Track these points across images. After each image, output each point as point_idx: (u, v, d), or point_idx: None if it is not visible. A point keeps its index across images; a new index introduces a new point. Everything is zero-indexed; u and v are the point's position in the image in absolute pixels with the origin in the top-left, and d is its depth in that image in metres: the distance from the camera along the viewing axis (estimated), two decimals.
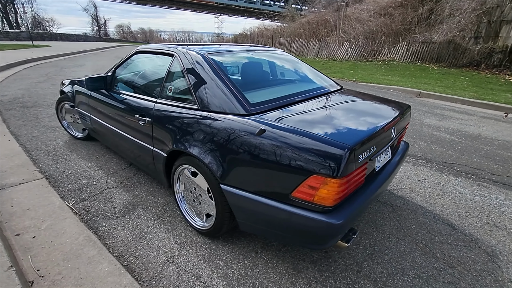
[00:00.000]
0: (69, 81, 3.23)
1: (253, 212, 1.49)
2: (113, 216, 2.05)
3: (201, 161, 1.65)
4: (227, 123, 1.54)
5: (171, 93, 1.94)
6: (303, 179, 1.29)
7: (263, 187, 1.42)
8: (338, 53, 13.12)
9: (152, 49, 2.24)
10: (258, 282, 1.56)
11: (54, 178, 2.52)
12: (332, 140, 1.29)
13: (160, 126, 1.89)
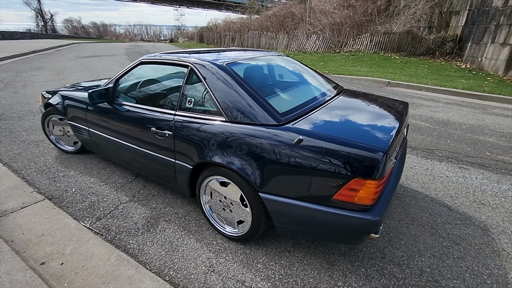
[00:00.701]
0: (52, 91, 3.03)
1: (294, 216, 1.60)
2: (138, 232, 2.03)
3: (234, 172, 1.70)
4: (261, 135, 1.60)
5: (192, 105, 1.94)
6: (345, 183, 1.42)
7: (303, 192, 1.53)
8: (307, 46, 13.46)
9: (161, 60, 2.20)
10: (299, 280, 1.68)
11: (59, 198, 2.39)
12: (368, 145, 1.42)
13: (183, 139, 1.90)
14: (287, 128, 1.59)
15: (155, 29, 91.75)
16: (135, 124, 2.18)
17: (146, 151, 2.18)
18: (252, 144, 1.62)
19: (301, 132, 1.54)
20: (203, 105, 1.90)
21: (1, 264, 1.68)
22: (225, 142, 1.71)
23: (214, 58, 2.05)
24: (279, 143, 1.55)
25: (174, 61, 2.11)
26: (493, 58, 9.58)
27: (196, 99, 1.94)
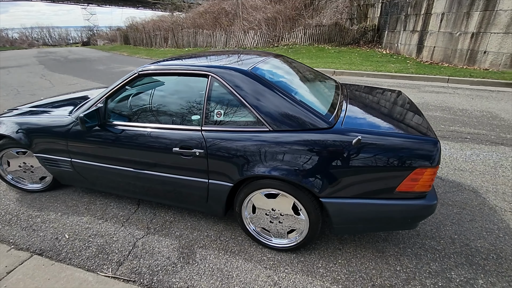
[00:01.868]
0: (3, 116, 2.42)
1: (356, 215, 1.62)
2: (176, 267, 1.79)
3: (287, 182, 1.64)
4: (316, 140, 1.57)
5: (222, 117, 1.77)
6: (407, 174, 1.50)
7: (367, 190, 1.56)
8: (246, 42, 13.56)
9: (168, 71, 1.94)
10: (363, 274, 1.73)
11: (52, 251, 1.95)
12: (423, 136, 1.53)
13: (218, 157, 1.73)
14: (339, 129, 1.59)
15: (60, 31, 79.88)
16: (145, 146, 1.90)
17: (166, 175, 1.92)
18: (307, 151, 1.58)
19: (358, 132, 1.56)
20: (237, 116, 1.76)
21: None
22: (274, 153, 1.63)
23: (229, 64, 1.90)
24: (337, 145, 1.54)
25: (187, 70, 1.89)
26: (407, 44, 11.19)
27: (226, 111, 1.78)
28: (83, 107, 2.13)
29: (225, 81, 1.77)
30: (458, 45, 8.99)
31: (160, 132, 1.87)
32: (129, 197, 2.50)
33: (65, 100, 2.81)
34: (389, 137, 1.52)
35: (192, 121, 1.86)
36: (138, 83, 2.10)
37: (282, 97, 1.69)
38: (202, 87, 1.87)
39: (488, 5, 7.91)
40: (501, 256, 1.82)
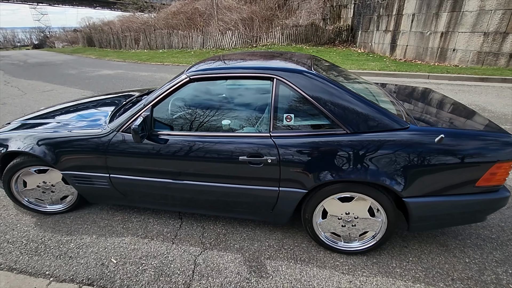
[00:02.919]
0: (8, 131, 2.12)
1: (436, 212, 1.64)
2: (251, 282, 1.69)
3: (368, 184, 1.62)
4: (398, 140, 1.56)
5: (292, 122, 1.70)
6: (488, 168, 1.55)
7: (447, 187, 1.59)
8: (224, 42, 13.38)
9: (224, 74, 1.81)
10: (439, 269, 1.75)
11: (104, 279, 1.73)
12: (498, 133, 1.59)
13: (292, 163, 1.66)
14: (417, 129, 1.60)
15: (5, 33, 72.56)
16: (204, 157, 1.76)
17: (229, 186, 1.80)
18: (388, 152, 1.57)
19: (435, 131, 1.58)
20: (309, 120, 1.70)
21: None
22: (353, 156, 1.60)
23: (287, 66, 1.82)
24: (418, 144, 1.55)
25: (247, 74, 1.78)
26: (380, 43, 11.79)
27: (297, 115, 1.71)
28: (123, 117, 1.92)
29: (293, 84, 1.70)
30: (429, 44, 9.65)
31: (221, 141, 1.75)
32: (168, 210, 2.32)
33: (76, 108, 2.53)
34: (468, 134, 1.56)
35: (259, 127, 1.77)
36: (193, 91, 1.94)
37: (355, 99, 1.66)
38: (266, 90, 1.78)
39: (455, 6, 8.59)
40: None
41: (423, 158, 1.55)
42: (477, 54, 8.23)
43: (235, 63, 1.93)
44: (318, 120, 1.68)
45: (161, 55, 13.09)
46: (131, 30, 15.78)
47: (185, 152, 1.79)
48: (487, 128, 1.65)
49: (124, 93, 2.96)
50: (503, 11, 7.40)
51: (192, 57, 12.02)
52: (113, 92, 3.14)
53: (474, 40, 8.23)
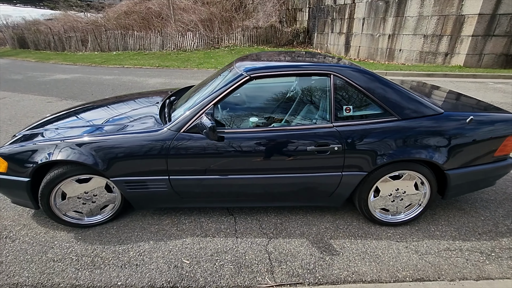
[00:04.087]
0: (31, 149, 1.93)
1: (467, 180, 2.02)
2: (327, 260, 1.85)
3: (417, 162, 1.92)
4: (441, 123, 1.89)
5: (351, 112, 1.91)
6: (502, 141, 1.97)
7: (476, 158, 1.97)
8: (185, 43, 13.06)
9: (282, 71, 1.93)
10: (466, 227, 2.14)
11: (192, 280, 1.72)
12: (506, 113, 2.02)
13: (355, 149, 1.87)
14: (451, 114, 1.95)
15: None
16: (272, 150, 1.87)
17: (295, 175, 1.94)
18: (433, 133, 1.88)
19: (463, 115, 1.95)
20: (365, 110, 1.93)
21: None
22: (406, 138, 1.88)
23: (340, 63, 2.04)
24: (457, 125, 1.90)
25: (305, 70, 1.94)
26: (335, 44, 12.80)
27: (355, 106, 1.93)
28: (183, 118, 1.91)
29: (348, 79, 1.92)
30: (379, 45, 10.82)
31: (288, 134, 1.88)
32: (216, 208, 2.35)
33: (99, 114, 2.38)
34: (489, 115, 1.97)
35: (322, 119, 1.94)
36: (254, 88, 2.02)
37: (400, 90, 1.95)
38: (323, 85, 1.96)
39: (399, 12, 9.79)
40: None
41: (457, 137, 1.90)
42: (419, 54, 9.52)
43: (287, 61, 2.07)
44: (372, 110, 1.93)
45: (116, 57, 12.23)
46: (77, 31, 14.38)
47: (252, 147, 1.87)
48: (497, 111, 2.08)
49: (139, 95, 2.85)
50: (437, 17, 8.70)
51: (154, 59, 11.52)
52: (122, 96, 2.98)
53: (416, 42, 9.50)
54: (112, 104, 2.61)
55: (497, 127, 1.95)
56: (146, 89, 6.61)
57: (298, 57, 2.32)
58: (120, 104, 2.60)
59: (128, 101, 2.68)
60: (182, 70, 9.46)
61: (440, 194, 2.13)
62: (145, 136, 1.90)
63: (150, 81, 7.59)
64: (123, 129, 2.01)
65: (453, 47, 8.56)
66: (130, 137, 1.91)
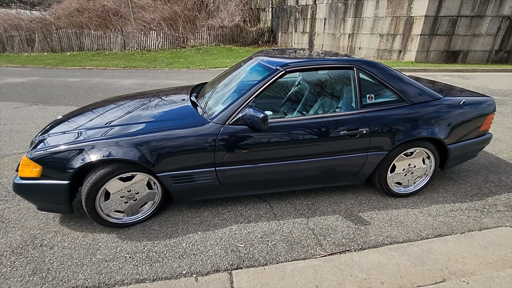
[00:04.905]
0: (73, 148, 1.88)
1: (462, 152, 2.44)
2: (362, 230, 2.12)
3: (426, 139, 2.28)
4: (441, 107, 2.28)
5: (373, 100, 2.20)
6: (485, 118, 2.43)
7: (468, 133, 2.40)
8: (149, 43, 12.56)
9: (313, 66, 2.15)
10: (461, 193, 2.58)
11: (247, 261, 1.85)
12: (487, 96, 2.49)
13: (379, 131, 2.17)
14: (448, 98, 2.36)
15: None
16: (310, 136, 2.09)
17: (330, 158, 2.17)
18: (436, 115, 2.26)
19: (457, 100, 2.36)
20: (383, 97, 2.24)
21: None
22: (416, 120, 2.23)
23: (360, 59, 2.32)
24: (454, 107, 2.30)
25: (332, 64, 2.18)
26: (300, 43, 13.41)
27: (376, 94, 2.22)
28: (227, 111, 2.02)
29: (369, 71, 2.21)
30: (340, 43, 11.63)
31: (324, 121, 2.11)
32: (252, 196, 2.48)
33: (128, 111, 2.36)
34: (477, 98, 2.41)
35: (350, 107, 2.20)
36: (289, 81, 2.19)
37: (408, 80, 2.30)
38: (347, 77, 2.23)
39: (357, 13, 10.66)
40: None
41: (454, 116, 2.31)
42: (377, 51, 10.48)
43: (309, 56, 2.30)
44: (388, 97, 2.25)
45: (73, 58, 11.31)
46: (20, 29, 12.91)
47: (294, 135, 2.06)
48: (478, 95, 2.55)
49: (157, 94, 2.84)
50: (391, 18, 9.69)
51: (117, 59, 10.91)
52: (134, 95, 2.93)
53: (373, 40, 10.45)
54: (132, 102, 2.58)
55: (481, 107, 2.41)
56: (122, 90, 6.33)
57: (314, 53, 2.56)
58: (141, 101, 2.57)
59: (149, 98, 2.66)
60: (152, 71, 9.16)
61: (439, 167, 2.54)
62: (192, 131, 1.97)
63: (123, 82, 7.25)
64: (165, 125, 2.04)
65: (405, 44, 9.61)
66: (177, 132, 1.96)
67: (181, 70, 9.26)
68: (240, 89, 2.25)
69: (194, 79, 7.63)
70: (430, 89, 2.39)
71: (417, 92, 2.28)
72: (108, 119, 2.23)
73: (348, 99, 2.24)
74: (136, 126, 2.04)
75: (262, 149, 2.05)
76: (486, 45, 9.65)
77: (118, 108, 2.45)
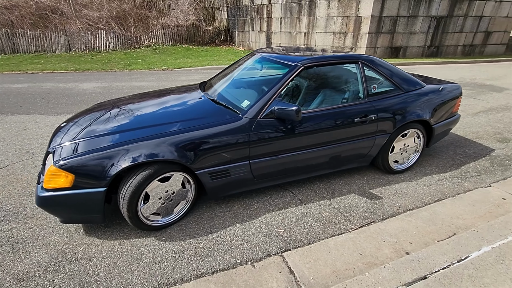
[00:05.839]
0: (105, 155, 1.81)
1: (441, 131, 2.91)
2: (377, 204, 2.43)
3: (418, 122, 2.68)
4: (426, 93, 2.70)
5: (376, 90, 2.51)
6: (457, 101, 2.94)
7: (446, 114, 2.88)
8: (98, 43, 11.59)
9: (326, 61, 2.37)
10: (443, 163, 3.07)
11: (292, 242, 2.00)
12: (456, 83, 3.00)
13: (384, 117, 2.49)
14: (430, 86, 2.80)
15: None
16: (331, 124, 2.31)
17: (345, 143, 2.42)
18: (421, 100, 2.68)
19: (437, 87, 2.82)
20: (383, 87, 2.57)
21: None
22: (409, 104, 2.61)
23: (362, 55, 2.61)
24: (436, 93, 2.75)
25: (342, 60, 2.44)
26: (257, 41, 13.72)
27: (379, 85, 2.53)
28: (257, 106, 2.12)
29: (371, 65, 2.52)
30: (297, 41, 12.23)
31: (341, 110, 2.35)
32: (275, 186, 2.61)
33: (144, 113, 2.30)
34: (450, 85, 2.90)
35: (358, 96, 2.47)
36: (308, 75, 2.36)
37: (400, 72, 2.67)
38: (354, 71, 2.50)
39: (311, 13, 11.33)
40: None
41: (437, 101, 2.76)
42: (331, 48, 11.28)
43: (327, 54, 2.53)
44: (387, 87, 2.59)
45: (8, 62, 9.89)
46: None
47: (318, 124, 2.26)
48: (447, 82, 3.05)
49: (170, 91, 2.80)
50: (342, 18, 10.54)
51: (63, 62, 9.86)
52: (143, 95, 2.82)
53: (327, 38, 11.24)
54: (149, 102, 2.53)
55: (453, 92, 2.91)
56: (85, 95, 5.85)
57: (318, 50, 2.81)
58: (157, 101, 2.53)
59: (163, 98, 2.62)
60: (110, 73, 8.54)
61: (426, 145, 2.99)
62: (227, 127, 2.04)
63: (83, 86, 6.66)
64: (200, 122, 2.06)
65: (356, 42, 10.55)
66: (215, 129, 2.01)
67: (142, 71, 8.81)
68: (261, 84, 2.37)
69: (162, 80, 7.37)
70: (416, 78, 2.81)
71: (409, 82, 2.67)
72: (133, 120, 2.15)
73: (356, 90, 2.51)
74: (171, 126, 2.03)
75: (292, 139, 2.20)
76: (420, 41, 11.12)
77: (139, 108, 2.37)
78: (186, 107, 2.37)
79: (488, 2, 11.52)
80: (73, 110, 4.80)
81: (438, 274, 1.61)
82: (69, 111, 4.79)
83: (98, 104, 2.73)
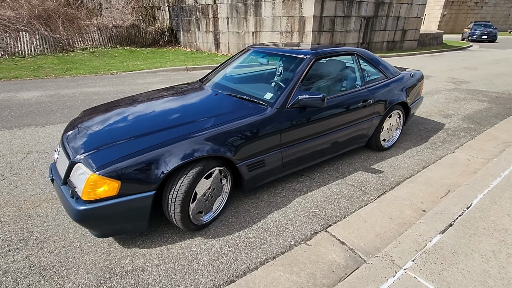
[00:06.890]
0: (142, 150, 1.71)
1: (413, 111, 3.44)
2: (385, 182, 2.78)
3: (401, 103, 3.14)
4: (401, 78, 3.17)
5: (369, 78, 2.85)
6: (421, 85, 3.51)
7: (415, 96, 3.41)
8: (21, 47, 9.95)
9: (332, 53, 2.61)
10: (426, 139, 3.63)
11: (330, 219, 2.19)
12: (419, 71, 3.56)
13: (378, 100, 2.86)
14: (405, 73, 3.30)
15: None
16: (343, 109, 2.57)
17: (350, 126, 2.70)
18: (402, 85, 3.15)
19: (409, 73, 3.33)
20: (375, 75, 2.93)
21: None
22: (395, 89, 3.04)
23: (356, 48, 2.92)
24: (409, 78, 3.25)
25: (342, 52, 2.71)
26: (205, 42, 13.55)
27: (370, 74, 2.88)
28: (282, 97, 2.24)
29: (364, 56, 2.87)
30: (245, 41, 12.48)
31: (348, 97, 2.62)
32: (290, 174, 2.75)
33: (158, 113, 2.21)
34: (415, 72, 3.45)
35: (357, 84, 2.78)
36: (318, 66, 2.55)
37: (384, 62, 3.08)
38: (350, 61, 2.81)
39: (257, 13, 11.71)
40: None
41: (410, 85, 3.26)
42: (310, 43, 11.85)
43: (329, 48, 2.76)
44: (376, 75, 2.97)
45: None
46: None
47: (333, 109, 2.49)
48: (412, 69, 3.62)
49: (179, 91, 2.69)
50: (287, 17, 11.15)
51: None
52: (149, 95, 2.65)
53: (275, 37, 11.76)
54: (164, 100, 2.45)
55: (419, 76, 3.47)
56: (27, 106, 5.08)
57: (298, 45, 3.05)
58: (174, 99, 2.47)
59: (176, 97, 2.55)
60: (47, 80, 7.48)
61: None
62: (259, 117, 2.11)
63: (22, 96, 5.72)
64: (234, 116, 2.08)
65: (302, 40, 11.28)
66: (247, 120, 2.06)
67: (87, 76, 7.95)
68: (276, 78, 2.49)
69: (117, 85, 6.79)
70: (393, 67, 3.27)
71: (391, 70, 3.10)
72: (159, 120, 2.05)
73: (356, 78, 2.82)
74: (204, 123, 2.00)
75: (315, 125, 2.39)
76: (355, 38, 12.46)
77: (157, 108, 2.26)
78: (207, 103, 2.34)
79: (402, 5, 13.52)
80: (26, 123, 4.15)
81: (459, 220, 1.98)
82: (22, 123, 4.12)
83: (97, 108, 2.48)
